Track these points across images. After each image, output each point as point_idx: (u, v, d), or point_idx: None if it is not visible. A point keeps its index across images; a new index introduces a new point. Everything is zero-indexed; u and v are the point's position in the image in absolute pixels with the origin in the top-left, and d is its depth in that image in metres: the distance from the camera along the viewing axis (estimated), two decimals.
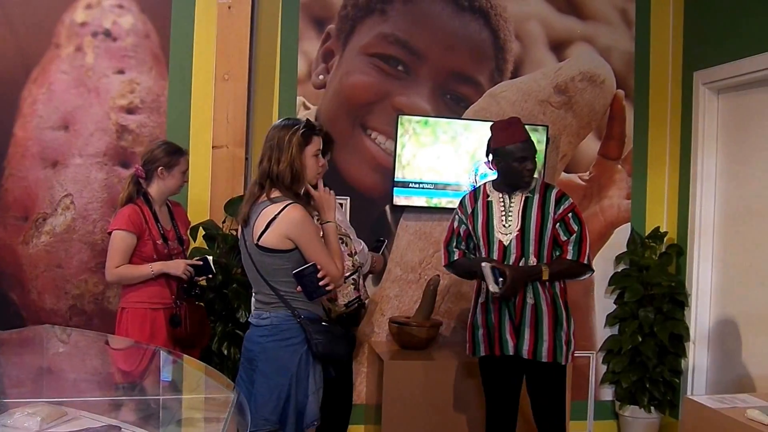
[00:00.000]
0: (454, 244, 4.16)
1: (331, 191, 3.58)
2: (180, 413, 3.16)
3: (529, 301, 3.96)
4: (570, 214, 4.01)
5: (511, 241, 3.97)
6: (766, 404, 3.84)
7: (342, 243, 3.88)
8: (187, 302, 4.23)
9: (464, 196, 4.24)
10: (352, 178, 5.16)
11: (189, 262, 4.18)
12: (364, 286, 4.14)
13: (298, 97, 5.12)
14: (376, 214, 5.21)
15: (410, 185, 5.15)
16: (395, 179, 5.11)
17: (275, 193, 3.39)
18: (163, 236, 4.17)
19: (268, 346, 3.40)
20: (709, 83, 5.27)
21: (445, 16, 5.29)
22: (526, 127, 5.15)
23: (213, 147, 4.90)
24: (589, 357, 5.53)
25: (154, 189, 4.17)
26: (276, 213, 3.32)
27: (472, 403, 4.79)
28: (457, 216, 4.18)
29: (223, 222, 4.83)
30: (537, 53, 5.48)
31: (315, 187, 3.54)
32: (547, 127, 5.32)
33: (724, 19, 5.12)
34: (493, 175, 4.19)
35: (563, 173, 5.51)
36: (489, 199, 4.09)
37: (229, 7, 4.89)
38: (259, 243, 3.36)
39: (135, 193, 4.18)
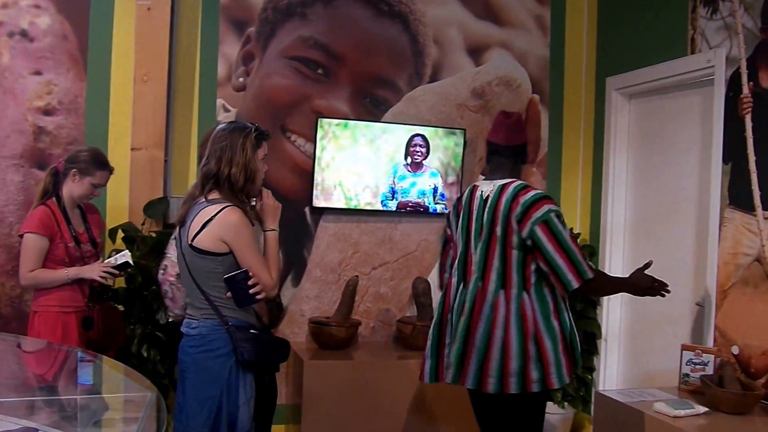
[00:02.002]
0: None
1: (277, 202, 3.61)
2: (98, 414, 3.15)
3: None
4: None
5: None
6: (672, 397, 4.01)
7: None
8: (100, 304, 4.22)
9: None
10: (271, 180, 5.14)
11: (104, 265, 4.17)
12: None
13: (218, 100, 5.12)
14: (296, 216, 5.25)
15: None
16: (315, 181, 5.16)
17: (214, 195, 3.36)
18: (75, 238, 4.15)
19: (197, 357, 3.38)
20: (620, 89, 5.44)
21: (364, 20, 5.34)
22: (444, 130, 5.31)
23: (132, 149, 4.88)
24: None
25: (65, 189, 4.16)
26: (213, 214, 3.30)
27: (390, 402, 4.86)
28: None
29: (143, 224, 4.82)
30: (455, 58, 5.58)
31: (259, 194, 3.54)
32: (464, 130, 5.43)
33: (635, 27, 5.29)
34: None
35: (480, 176, 5.61)
36: None
37: (149, 9, 4.87)
38: (193, 244, 3.33)
39: (51, 186, 4.16)
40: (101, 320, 4.20)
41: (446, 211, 5.28)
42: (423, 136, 5.29)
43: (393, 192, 5.29)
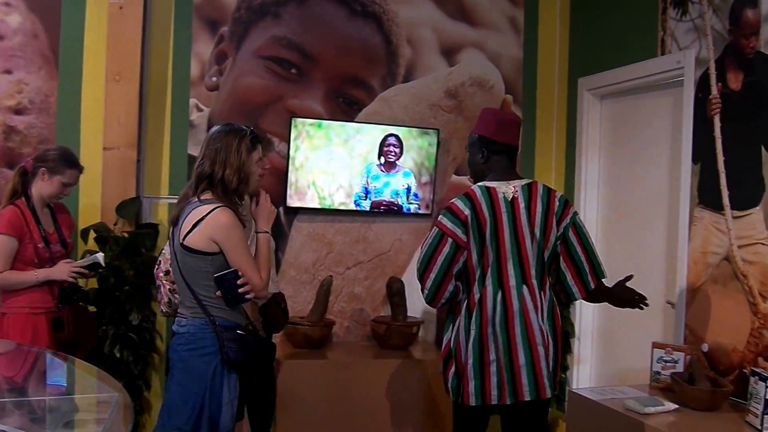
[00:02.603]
0: None
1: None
2: (68, 415, 3.14)
3: None
4: None
5: None
6: (643, 395, 4.03)
7: None
8: (70, 305, 4.18)
9: None
10: None
11: (74, 265, 4.13)
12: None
13: (191, 99, 5.10)
14: None
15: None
16: (288, 181, 5.15)
17: (207, 195, 3.38)
18: (45, 239, 4.11)
19: (183, 355, 3.38)
20: (592, 89, 5.48)
21: (338, 20, 5.35)
22: (417, 130, 5.30)
23: (104, 149, 4.85)
24: None
25: (34, 188, 4.12)
26: (204, 214, 3.31)
27: (365, 401, 4.86)
28: None
29: (115, 224, 4.79)
30: (428, 58, 5.59)
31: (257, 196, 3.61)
32: (438, 130, 5.44)
33: (606, 29, 5.34)
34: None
35: (454, 175, 5.64)
36: None
37: (121, 8, 4.85)
38: (184, 243, 3.34)
39: (19, 186, 4.11)
40: (71, 321, 4.18)
41: (421, 212, 5.30)
42: (397, 136, 5.30)
43: (366, 192, 5.29)
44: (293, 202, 5.19)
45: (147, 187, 5.05)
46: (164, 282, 3.78)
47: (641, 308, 3.76)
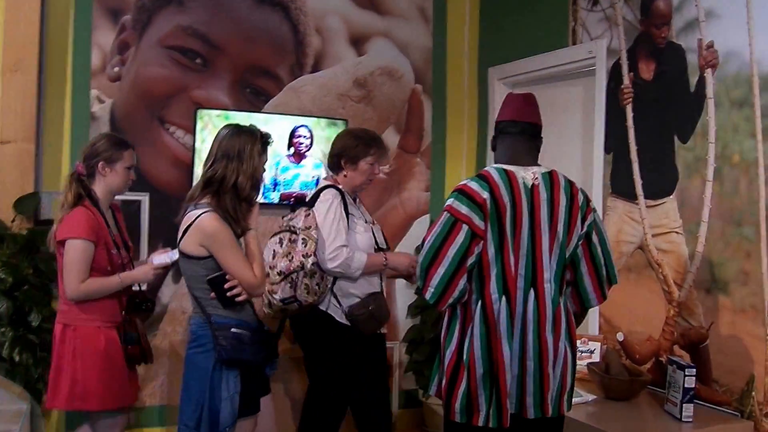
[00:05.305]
0: None
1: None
2: None
3: None
4: None
5: None
6: None
7: (303, 244, 3.92)
8: (133, 316, 3.89)
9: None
10: (150, 173, 5.01)
11: (156, 265, 3.84)
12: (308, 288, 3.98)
13: (92, 90, 4.90)
14: (176, 210, 5.07)
15: None
16: (195, 174, 4.99)
17: (203, 199, 3.41)
18: (116, 243, 3.84)
19: (189, 353, 3.48)
20: (503, 78, 5.50)
21: (244, 9, 5.22)
22: (326, 120, 5.22)
23: (0, 142, 4.62)
24: (393, 347, 5.65)
25: (99, 188, 3.85)
26: (193, 220, 3.36)
27: (280, 398, 4.78)
28: None
29: (13, 221, 4.58)
30: (337, 48, 5.52)
31: None
32: (346, 121, 5.36)
33: (516, 18, 5.35)
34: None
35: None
36: None
37: None
38: (179, 247, 3.44)
39: (82, 192, 3.79)
40: (141, 333, 3.89)
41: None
42: (307, 127, 5.20)
43: (275, 184, 5.18)
44: None
45: (46, 182, 4.83)
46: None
47: None
